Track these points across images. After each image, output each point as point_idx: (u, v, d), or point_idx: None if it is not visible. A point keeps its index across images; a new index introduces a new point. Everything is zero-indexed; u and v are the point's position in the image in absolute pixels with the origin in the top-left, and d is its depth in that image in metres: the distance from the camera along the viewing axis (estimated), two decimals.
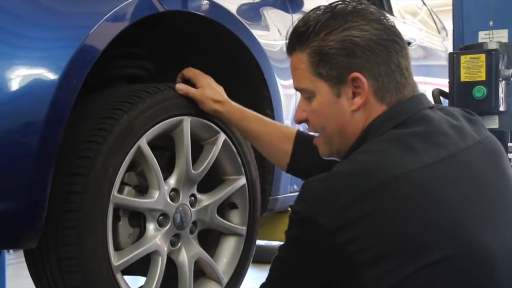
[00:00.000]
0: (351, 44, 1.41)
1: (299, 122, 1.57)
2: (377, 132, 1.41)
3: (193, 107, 1.95)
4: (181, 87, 1.91)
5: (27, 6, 1.56)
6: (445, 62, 4.12)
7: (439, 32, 4.69)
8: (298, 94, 2.43)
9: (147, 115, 1.80)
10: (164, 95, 1.86)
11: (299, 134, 1.92)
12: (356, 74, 1.42)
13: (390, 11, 3.73)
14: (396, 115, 1.41)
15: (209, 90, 1.94)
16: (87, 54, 1.60)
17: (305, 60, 1.47)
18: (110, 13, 1.65)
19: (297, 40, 1.49)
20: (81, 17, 1.63)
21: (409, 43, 3.58)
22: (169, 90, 1.89)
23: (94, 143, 1.68)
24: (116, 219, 1.80)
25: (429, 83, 3.67)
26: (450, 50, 4.38)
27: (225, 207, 2.16)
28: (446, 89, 2.54)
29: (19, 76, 1.49)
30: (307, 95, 1.51)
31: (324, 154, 1.57)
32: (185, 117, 1.92)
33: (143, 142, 1.79)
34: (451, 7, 2.81)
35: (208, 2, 2.01)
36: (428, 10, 4.65)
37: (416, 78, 3.71)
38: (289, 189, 2.49)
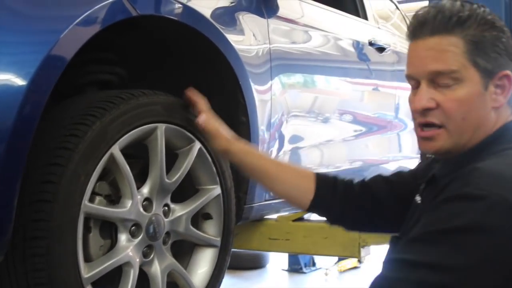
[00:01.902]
0: (503, 44, 1.45)
1: (422, 110, 1.46)
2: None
3: (168, 114, 1.90)
4: (201, 121, 1.92)
5: None
6: None
7: None
8: (275, 99, 2.43)
9: (120, 122, 1.74)
10: (138, 101, 1.80)
11: (317, 173, 1.89)
12: (507, 72, 1.46)
13: (364, 16, 3.71)
14: None
15: (224, 126, 1.94)
16: (57, 59, 1.54)
17: (460, 44, 1.43)
18: (82, 17, 1.59)
19: (443, 21, 1.44)
20: (51, 21, 1.57)
21: (383, 49, 3.57)
22: (143, 97, 1.83)
23: (65, 150, 1.62)
24: (86, 230, 1.74)
25: (404, 88, 3.66)
26: None
27: (199, 218, 2.11)
28: None
29: None
30: (449, 81, 1.44)
31: (441, 148, 1.48)
32: (159, 125, 1.87)
33: (116, 150, 1.74)
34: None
35: (181, 6, 1.96)
36: (401, 14, 4.64)
37: (391, 84, 3.74)
38: (264, 197, 2.45)
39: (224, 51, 2.13)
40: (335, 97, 3.11)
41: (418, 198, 1.63)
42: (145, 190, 1.87)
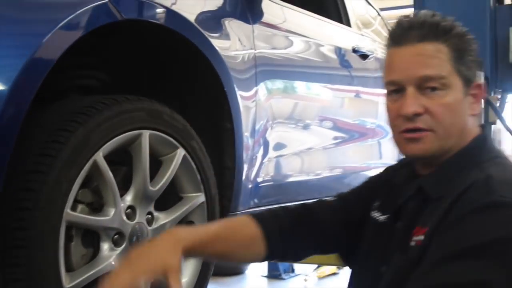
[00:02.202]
0: (476, 55, 1.50)
1: (413, 115, 1.44)
2: (493, 153, 1.50)
3: (152, 120, 1.86)
4: None
5: None
6: None
7: None
8: (260, 106, 2.40)
9: (104, 128, 1.71)
10: (122, 108, 1.77)
11: (260, 226, 1.59)
12: (480, 82, 1.50)
13: (347, 23, 3.69)
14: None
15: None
16: (41, 63, 1.50)
17: (446, 51, 1.45)
18: (65, 21, 1.55)
19: (431, 28, 1.46)
20: (34, 24, 1.53)
21: (367, 56, 3.56)
22: (127, 102, 1.79)
23: (47, 157, 1.58)
24: (68, 239, 1.69)
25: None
26: None
27: (183, 226, 2.07)
28: None
29: None
30: (437, 86, 1.44)
31: (428, 151, 1.46)
32: (144, 131, 1.83)
33: (99, 157, 1.70)
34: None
35: (166, 10, 1.92)
36: (383, 21, 4.63)
37: (374, 90, 3.72)
38: (249, 204, 2.41)
39: (209, 56, 2.09)
40: (321, 103, 3.09)
41: (382, 217, 1.58)
42: (129, 198, 1.83)
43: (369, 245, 1.58)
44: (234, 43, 2.28)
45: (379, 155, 3.92)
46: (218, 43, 2.15)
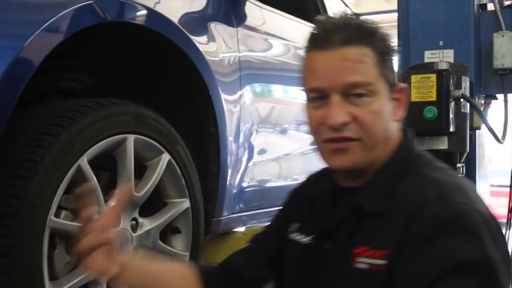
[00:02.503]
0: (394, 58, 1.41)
1: (341, 125, 1.31)
2: (423, 156, 1.41)
3: (137, 124, 1.82)
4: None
5: None
6: None
7: None
8: (244, 109, 2.37)
9: (88, 132, 1.66)
10: (107, 111, 1.73)
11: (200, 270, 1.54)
12: (401, 85, 1.41)
13: None
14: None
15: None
16: (24, 65, 1.46)
17: (371, 56, 1.33)
18: (49, 22, 1.51)
19: (356, 31, 1.34)
20: (18, 25, 1.49)
21: None
22: (112, 106, 1.75)
23: (31, 162, 1.53)
24: (51, 246, 1.64)
25: None
26: None
27: (167, 232, 2.03)
28: None
29: None
30: (364, 91, 1.32)
31: (356, 163, 1.34)
32: (129, 135, 1.79)
33: (83, 161, 1.66)
34: (393, 24, 2.77)
35: (151, 12, 1.88)
36: None
37: None
38: (234, 209, 2.38)
39: (194, 59, 2.06)
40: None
41: (306, 238, 1.45)
42: (113, 203, 1.78)
43: (297, 270, 1.46)
44: (219, 46, 2.25)
45: None
46: (203, 46, 2.12)
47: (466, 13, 2.61)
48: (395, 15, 2.76)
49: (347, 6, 4.48)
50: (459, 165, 2.36)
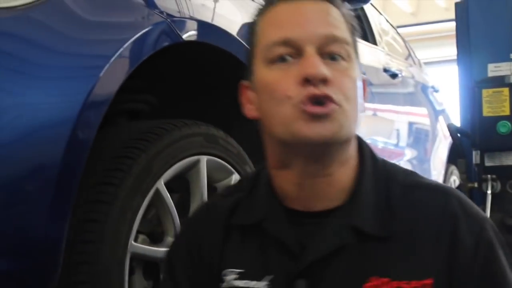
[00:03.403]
0: None
1: (324, 78, 1.05)
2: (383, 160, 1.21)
3: (210, 145, 1.78)
4: None
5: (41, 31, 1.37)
6: (413, 89, 4.05)
7: (405, 58, 4.59)
8: None
9: (165, 154, 1.63)
10: (181, 133, 1.69)
11: None
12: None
13: (374, 41, 3.64)
14: None
15: None
16: (106, 88, 1.43)
17: (342, 20, 1.14)
18: (130, 41, 1.48)
19: None
20: (100, 45, 1.45)
21: (395, 75, 3.49)
22: (186, 127, 1.72)
23: (111, 186, 1.50)
24: (130, 271, 1.60)
25: (401, 112, 3.61)
26: (416, 76, 4.30)
27: None
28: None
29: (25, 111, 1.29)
30: (341, 51, 1.10)
31: (337, 133, 1.07)
32: (201, 157, 1.76)
33: (161, 184, 1.62)
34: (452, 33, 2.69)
35: (221, 31, 1.85)
36: (398, 35, 4.58)
37: (386, 107, 3.63)
38: None
39: None
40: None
41: (260, 284, 1.14)
42: None
43: None
44: None
45: None
46: None
47: None
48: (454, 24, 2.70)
49: (387, 21, 4.45)
50: None
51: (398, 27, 5.22)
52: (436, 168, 4.38)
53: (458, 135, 2.43)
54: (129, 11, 1.57)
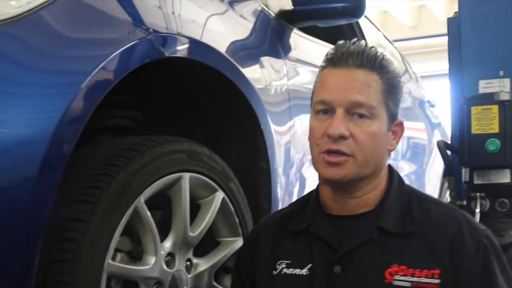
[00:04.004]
0: (401, 95, 1.57)
1: (339, 137, 1.46)
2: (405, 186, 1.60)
3: (192, 162, 1.76)
4: None
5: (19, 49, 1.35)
6: (410, 104, 4.05)
7: (402, 73, 4.59)
8: (295, 140, 2.30)
9: (145, 172, 1.60)
10: (163, 149, 1.66)
11: None
12: (401, 120, 1.58)
13: None
14: None
15: None
16: (85, 104, 1.40)
17: (379, 83, 1.50)
18: (111, 57, 1.46)
19: (370, 59, 1.50)
20: (79, 61, 1.43)
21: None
22: (167, 144, 1.69)
23: (88, 203, 1.47)
24: None
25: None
26: (413, 92, 4.29)
27: (219, 271, 1.95)
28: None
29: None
30: (365, 112, 1.47)
31: (346, 176, 1.48)
32: (184, 174, 1.73)
33: (140, 202, 1.59)
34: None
35: (203, 46, 1.83)
36: (397, 51, 4.56)
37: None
38: None
39: (245, 92, 2.00)
40: None
41: (302, 271, 1.57)
42: (168, 244, 1.72)
43: None
44: (268, 76, 2.19)
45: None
46: (252, 77, 2.05)
47: None
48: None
49: (385, 37, 4.43)
50: None
51: (399, 40, 5.23)
52: (431, 183, 4.36)
53: (448, 152, 2.41)
54: (112, 27, 1.54)
